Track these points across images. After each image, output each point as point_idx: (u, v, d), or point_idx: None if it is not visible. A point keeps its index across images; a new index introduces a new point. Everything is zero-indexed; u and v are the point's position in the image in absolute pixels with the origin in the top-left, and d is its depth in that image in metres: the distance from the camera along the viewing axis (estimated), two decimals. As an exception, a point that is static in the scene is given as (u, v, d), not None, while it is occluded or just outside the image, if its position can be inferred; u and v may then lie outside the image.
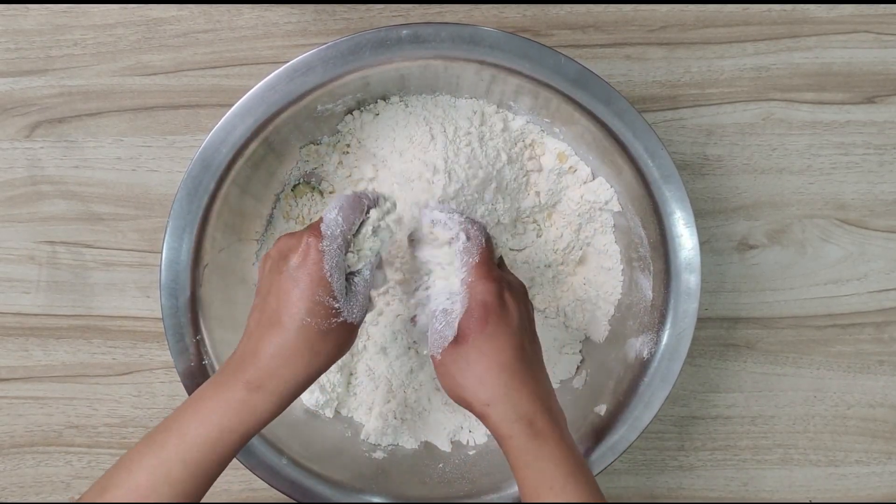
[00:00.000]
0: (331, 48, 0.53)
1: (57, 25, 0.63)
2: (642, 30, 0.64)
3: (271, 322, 0.47)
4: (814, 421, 0.68)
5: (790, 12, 0.64)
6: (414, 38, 0.53)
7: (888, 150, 0.66)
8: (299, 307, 0.46)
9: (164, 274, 0.55)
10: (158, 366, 0.66)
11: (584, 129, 0.56)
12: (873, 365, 0.67)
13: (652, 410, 0.57)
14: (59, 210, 0.65)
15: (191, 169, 0.54)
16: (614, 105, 0.54)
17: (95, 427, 0.67)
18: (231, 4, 0.63)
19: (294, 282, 0.47)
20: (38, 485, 0.67)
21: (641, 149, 0.55)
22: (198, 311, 0.57)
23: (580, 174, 0.60)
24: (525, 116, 0.60)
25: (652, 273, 0.58)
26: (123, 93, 0.64)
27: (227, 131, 0.54)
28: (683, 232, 0.55)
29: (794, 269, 0.66)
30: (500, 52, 0.54)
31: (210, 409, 0.46)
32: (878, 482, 0.68)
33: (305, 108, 0.56)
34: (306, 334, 0.47)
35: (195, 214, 0.55)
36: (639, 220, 0.58)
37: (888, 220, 0.66)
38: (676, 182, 0.55)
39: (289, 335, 0.46)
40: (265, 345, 0.47)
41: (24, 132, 0.64)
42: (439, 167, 0.56)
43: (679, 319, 0.56)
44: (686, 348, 0.56)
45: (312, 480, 0.58)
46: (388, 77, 0.56)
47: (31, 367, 0.66)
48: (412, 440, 0.63)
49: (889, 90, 0.65)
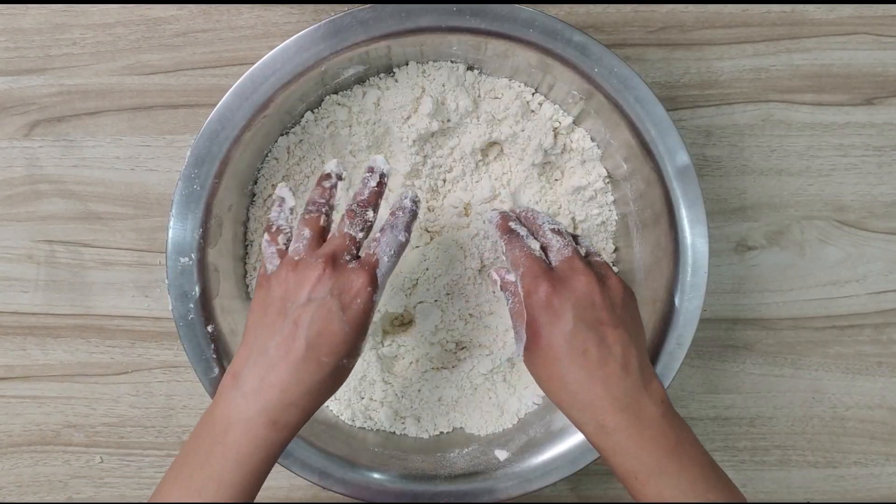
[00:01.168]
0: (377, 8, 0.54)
1: (56, 24, 0.63)
2: (642, 31, 0.64)
3: (305, 358, 0.46)
4: (812, 422, 0.68)
5: (789, 13, 0.64)
6: (471, 12, 0.54)
7: (887, 151, 0.66)
8: (342, 350, 0.47)
9: (171, 232, 0.55)
10: (157, 365, 0.66)
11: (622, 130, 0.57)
12: (872, 366, 0.67)
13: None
14: (57, 209, 0.65)
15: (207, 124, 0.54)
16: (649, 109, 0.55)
17: (93, 426, 0.67)
18: (230, 4, 0.63)
19: (343, 325, 0.47)
20: (35, 484, 0.67)
21: (663, 148, 0.56)
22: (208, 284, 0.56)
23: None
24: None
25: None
26: (122, 92, 0.64)
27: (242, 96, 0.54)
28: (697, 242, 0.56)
29: (793, 270, 0.66)
30: (562, 44, 0.54)
31: (238, 448, 0.46)
32: (876, 483, 0.68)
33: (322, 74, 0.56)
34: (339, 373, 0.48)
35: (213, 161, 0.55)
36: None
37: (887, 221, 0.66)
38: (693, 184, 0.56)
39: (324, 373, 0.47)
40: (296, 381, 0.46)
41: (23, 131, 0.64)
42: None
43: (680, 319, 0.56)
44: (685, 350, 0.56)
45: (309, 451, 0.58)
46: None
47: (29, 366, 0.66)
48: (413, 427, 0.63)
49: (888, 92, 0.65)
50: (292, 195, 0.53)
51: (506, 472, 0.59)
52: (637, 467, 0.48)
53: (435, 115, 0.58)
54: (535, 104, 0.60)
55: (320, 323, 0.46)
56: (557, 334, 0.48)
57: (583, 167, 0.61)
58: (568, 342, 0.48)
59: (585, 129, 0.60)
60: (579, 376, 0.48)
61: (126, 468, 0.67)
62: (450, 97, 0.58)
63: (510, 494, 0.58)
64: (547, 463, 0.59)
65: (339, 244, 0.49)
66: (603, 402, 0.47)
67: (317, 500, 0.67)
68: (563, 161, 0.61)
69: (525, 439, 0.61)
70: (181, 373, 0.66)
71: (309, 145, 0.60)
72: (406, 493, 0.58)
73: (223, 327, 0.57)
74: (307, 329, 0.46)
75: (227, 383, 0.48)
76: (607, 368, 0.48)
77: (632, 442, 0.47)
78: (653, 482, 0.47)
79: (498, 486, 0.59)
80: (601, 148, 0.60)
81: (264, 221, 0.60)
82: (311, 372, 0.46)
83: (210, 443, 0.47)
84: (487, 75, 0.60)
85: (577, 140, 0.61)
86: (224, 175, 0.55)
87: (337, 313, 0.47)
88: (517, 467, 0.59)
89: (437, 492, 0.58)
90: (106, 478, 0.67)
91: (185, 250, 0.55)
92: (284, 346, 0.46)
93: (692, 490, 0.47)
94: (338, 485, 0.58)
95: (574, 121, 0.60)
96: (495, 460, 0.60)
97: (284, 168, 0.60)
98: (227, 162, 0.55)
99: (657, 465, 0.47)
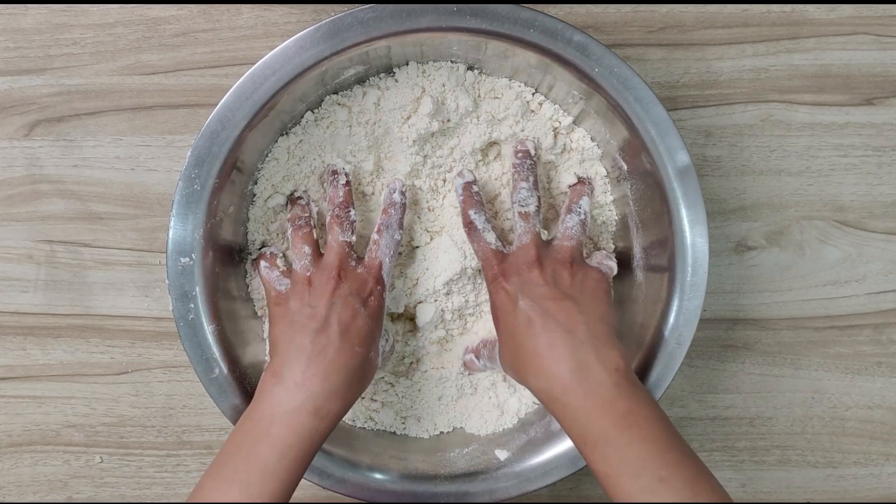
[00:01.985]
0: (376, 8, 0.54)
1: (56, 24, 0.63)
2: (641, 31, 0.64)
3: (342, 347, 0.52)
4: (812, 422, 0.68)
5: (789, 14, 0.64)
6: (471, 12, 0.54)
7: (887, 151, 0.66)
8: (369, 341, 0.53)
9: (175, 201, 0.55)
10: (157, 365, 0.66)
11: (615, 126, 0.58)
12: (871, 366, 0.67)
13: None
14: (57, 209, 0.65)
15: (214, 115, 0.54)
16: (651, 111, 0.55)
17: (93, 426, 0.67)
18: (230, 4, 0.63)
19: (366, 318, 0.53)
20: (35, 484, 0.67)
21: (663, 148, 0.56)
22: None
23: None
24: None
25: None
26: (122, 92, 0.64)
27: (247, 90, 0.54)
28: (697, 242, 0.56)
29: (793, 270, 0.66)
30: (562, 43, 0.54)
31: (283, 439, 0.49)
32: (875, 483, 0.68)
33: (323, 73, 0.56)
34: (369, 366, 0.54)
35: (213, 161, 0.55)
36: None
37: (887, 221, 0.66)
38: (693, 185, 0.56)
39: (358, 362, 0.52)
40: (336, 368, 0.51)
41: (23, 131, 0.64)
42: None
43: (680, 320, 0.56)
44: (684, 349, 0.56)
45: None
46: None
47: (29, 366, 0.66)
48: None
49: (888, 92, 0.65)
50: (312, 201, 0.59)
51: (506, 472, 0.59)
52: (584, 433, 0.48)
53: (435, 116, 0.58)
54: (535, 104, 0.60)
55: (348, 318, 0.52)
56: (510, 313, 0.53)
57: (582, 167, 0.61)
58: (516, 317, 0.52)
59: (585, 129, 0.60)
60: (529, 345, 0.51)
61: (126, 468, 0.67)
62: (450, 97, 0.58)
63: (510, 494, 0.58)
64: (547, 463, 0.59)
65: (339, 253, 0.55)
66: (550, 365, 0.50)
67: (316, 499, 0.67)
68: (563, 161, 0.61)
69: (525, 439, 0.61)
70: (181, 373, 0.66)
71: (309, 146, 0.60)
72: (406, 493, 0.58)
73: (224, 327, 0.57)
74: (337, 324, 0.52)
75: (268, 381, 0.51)
76: (553, 334, 0.51)
77: (578, 406, 0.49)
78: (599, 450, 0.48)
79: (498, 485, 0.59)
80: (601, 148, 0.60)
81: (281, 220, 0.61)
82: (347, 360, 0.52)
83: (253, 439, 0.49)
84: (487, 75, 0.60)
85: (577, 140, 0.61)
86: (224, 175, 0.55)
87: (360, 309, 0.53)
88: (517, 467, 0.59)
89: (437, 492, 0.58)
90: (106, 477, 0.67)
91: (185, 250, 0.55)
92: (321, 341, 0.51)
93: (640, 464, 0.46)
94: (338, 484, 0.58)
95: (574, 121, 0.60)
96: (495, 460, 0.60)
97: (285, 169, 0.60)
98: (228, 162, 0.55)
99: (602, 433, 0.47)
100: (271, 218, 0.60)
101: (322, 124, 0.60)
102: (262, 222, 0.61)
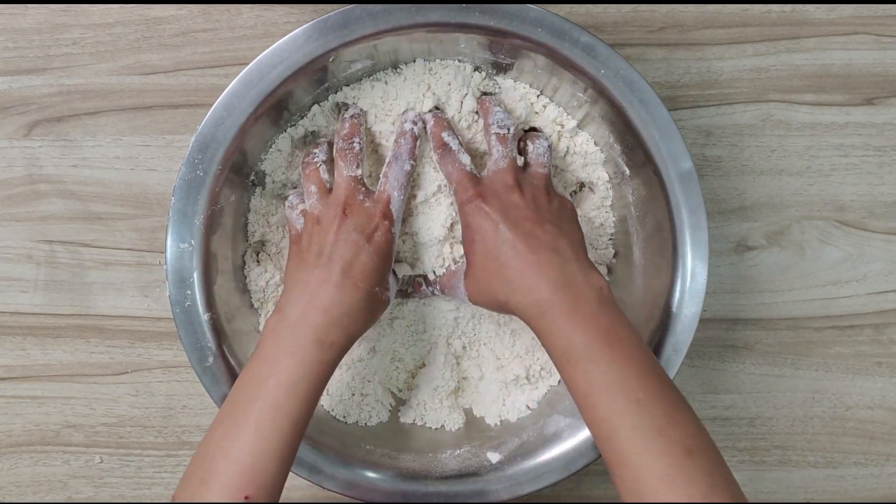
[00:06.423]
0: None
1: (56, 24, 0.63)
2: (642, 30, 0.64)
3: (342, 283, 0.52)
4: (812, 422, 0.68)
5: (789, 13, 0.64)
6: (480, 9, 0.54)
7: (887, 151, 0.66)
8: (373, 277, 0.53)
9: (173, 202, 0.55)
10: (156, 365, 0.66)
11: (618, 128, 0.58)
12: (872, 366, 0.67)
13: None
14: (57, 209, 0.65)
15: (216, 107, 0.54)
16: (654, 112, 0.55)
17: (93, 426, 0.67)
18: (230, 4, 0.63)
19: (370, 254, 0.53)
20: (35, 484, 0.67)
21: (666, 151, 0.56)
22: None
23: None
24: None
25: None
26: (122, 92, 0.64)
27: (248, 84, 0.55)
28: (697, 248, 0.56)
29: (793, 270, 0.66)
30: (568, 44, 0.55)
31: (290, 371, 0.49)
32: (875, 483, 0.68)
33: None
34: (374, 301, 0.54)
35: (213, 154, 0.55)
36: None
37: (887, 221, 0.66)
38: (695, 190, 0.56)
39: (361, 296, 0.52)
40: (337, 302, 0.51)
41: (23, 131, 0.64)
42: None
43: (677, 326, 0.56)
44: (681, 357, 0.56)
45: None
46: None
47: (29, 366, 0.66)
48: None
49: (888, 92, 0.65)
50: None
51: (497, 475, 0.59)
52: (568, 348, 0.49)
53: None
54: (540, 106, 0.60)
55: (350, 254, 0.53)
56: (489, 234, 0.53)
57: (584, 171, 0.61)
58: (497, 238, 0.52)
59: (589, 133, 0.60)
60: (514, 263, 0.51)
61: (126, 468, 0.67)
62: (455, 96, 0.58)
63: (500, 497, 0.58)
64: (539, 466, 0.58)
65: (346, 188, 0.55)
66: (538, 281, 0.50)
67: (315, 499, 0.67)
68: (566, 164, 0.61)
69: (518, 442, 0.61)
70: (181, 373, 0.66)
71: (313, 138, 0.60)
72: (396, 493, 0.58)
73: (220, 315, 0.57)
74: (340, 260, 0.52)
75: (273, 320, 0.52)
76: (539, 254, 0.51)
77: (565, 320, 0.49)
78: (582, 366, 0.48)
79: (489, 488, 0.58)
80: (604, 151, 0.60)
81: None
82: (348, 294, 0.52)
83: (260, 377, 0.50)
84: (493, 75, 0.60)
85: (581, 143, 0.60)
86: (227, 162, 0.55)
87: (363, 245, 0.53)
88: (509, 470, 0.59)
89: (428, 492, 0.58)
90: (105, 478, 0.67)
91: (185, 236, 0.55)
92: (323, 277, 0.52)
93: (620, 381, 0.47)
94: (328, 481, 0.57)
95: (578, 124, 0.60)
96: (487, 462, 0.60)
97: (287, 160, 0.60)
98: (231, 149, 0.55)
99: (587, 348, 0.48)
100: (272, 209, 0.61)
101: (327, 117, 0.60)
102: (262, 213, 0.61)
